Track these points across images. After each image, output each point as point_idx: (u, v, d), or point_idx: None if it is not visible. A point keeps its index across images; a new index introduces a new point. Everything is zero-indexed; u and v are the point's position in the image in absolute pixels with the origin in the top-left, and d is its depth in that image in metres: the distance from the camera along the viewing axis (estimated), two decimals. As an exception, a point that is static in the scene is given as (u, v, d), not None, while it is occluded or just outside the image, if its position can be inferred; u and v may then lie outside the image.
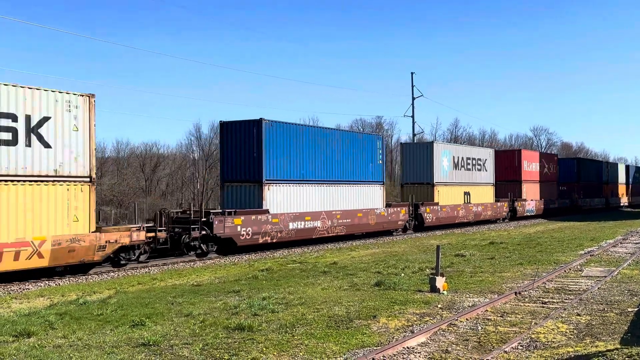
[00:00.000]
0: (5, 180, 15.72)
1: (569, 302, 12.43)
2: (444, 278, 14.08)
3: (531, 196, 48.81)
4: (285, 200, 25.14)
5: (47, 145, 16.60)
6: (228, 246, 22.83)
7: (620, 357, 8.34)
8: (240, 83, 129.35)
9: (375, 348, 8.96)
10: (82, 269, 18.18)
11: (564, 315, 11.24)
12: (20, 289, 15.64)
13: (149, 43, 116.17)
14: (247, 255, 22.98)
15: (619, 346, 8.96)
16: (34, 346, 9.16)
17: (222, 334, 9.79)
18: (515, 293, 13.39)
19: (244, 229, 22.81)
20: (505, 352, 8.76)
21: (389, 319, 10.99)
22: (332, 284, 15.00)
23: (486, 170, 41.91)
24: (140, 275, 17.97)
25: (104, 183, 52.52)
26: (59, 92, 16.99)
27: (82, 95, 17.48)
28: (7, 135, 15.75)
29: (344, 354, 8.70)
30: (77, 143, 17.33)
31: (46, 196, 16.49)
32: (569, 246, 24.78)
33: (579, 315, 11.25)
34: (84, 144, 17.52)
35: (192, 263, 20.74)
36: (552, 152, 72.27)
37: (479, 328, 10.28)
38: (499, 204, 42.91)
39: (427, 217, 34.77)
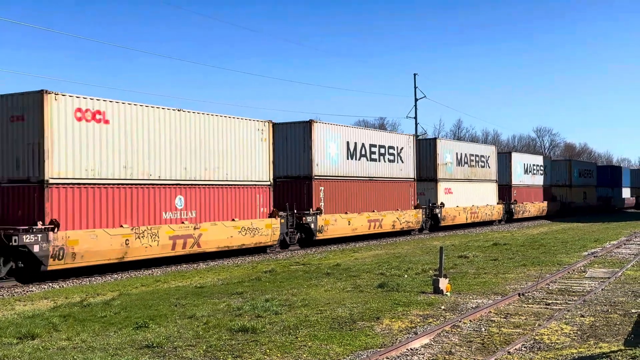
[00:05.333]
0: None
1: (572, 304, 12.40)
2: (447, 279, 14.07)
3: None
4: None
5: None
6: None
7: (624, 359, 8.33)
8: (242, 84, 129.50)
9: (378, 349, 8.95)
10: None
11: (567, 316, 11.22)
12: (24, 291, 15.66)
13: (142, 42, 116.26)
14: (249, 257, 22.98)
15: (622, 347, 8.95)
16: (37, 348, 9.18)
17: (225, 336, 9.80)
18: (519, 294, 13.37)
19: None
20: (509, 353, 8.75)
21: (393, 320, 10.99)
22: (336, 286, 15.00)
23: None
24: (144, 277, 18.00)
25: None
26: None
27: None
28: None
29: (348, 356, 8.69)
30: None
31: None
32: (572, 247, 24.74)
33: (582, 316, 11.23)
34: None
35: (196, 265, 20.75)
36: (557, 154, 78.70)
37: (483, 329, 10.27)
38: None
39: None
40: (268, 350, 8.91)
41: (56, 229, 16.58)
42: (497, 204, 43.81)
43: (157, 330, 10.29)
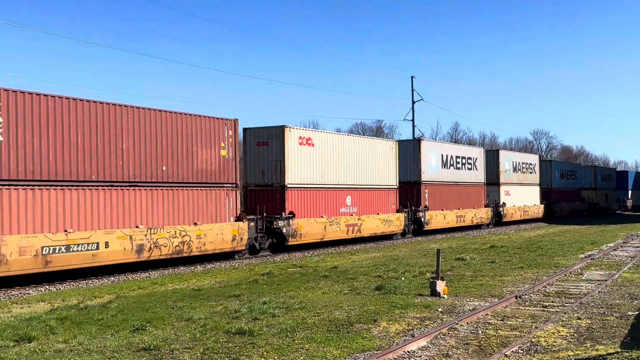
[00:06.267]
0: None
1: (569, 306, 12.43)
2: (445, 282, 14.08)
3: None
4: None
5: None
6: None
7: (621, 361, 8.35)
8: (240, 87, 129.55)
9: (376, 352, 8.96)
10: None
11: (564, 319, 11.24)
12: (21, 293, 15.65)
13: (142, 46, 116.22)
14: (247, 260, 23.01)
15: (619, 350, 8.97)
16: (34, 351, 9.17)
17: (222, 339, 9.80)
18: (516, 297, 13.39)
19: None
20: (506, 355, 8.76)
21: (390, 323, 11.00)
22: (333, 288, 15.01)
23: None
24: (141, 279, 17.99)
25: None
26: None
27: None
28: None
29: (345, 358, 8.70)
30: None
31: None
32: (569, 250, 24.77)
33: (579, 319, 11.25)
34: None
35: (193, 268, 20.74)
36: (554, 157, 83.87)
37: (480, 332, 10.29)
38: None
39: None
40: (265, 353, 8.91)
41: (293, 217, 25.09)
42: (541, 204, 51.39)
43: (154, 332, 10.29)
